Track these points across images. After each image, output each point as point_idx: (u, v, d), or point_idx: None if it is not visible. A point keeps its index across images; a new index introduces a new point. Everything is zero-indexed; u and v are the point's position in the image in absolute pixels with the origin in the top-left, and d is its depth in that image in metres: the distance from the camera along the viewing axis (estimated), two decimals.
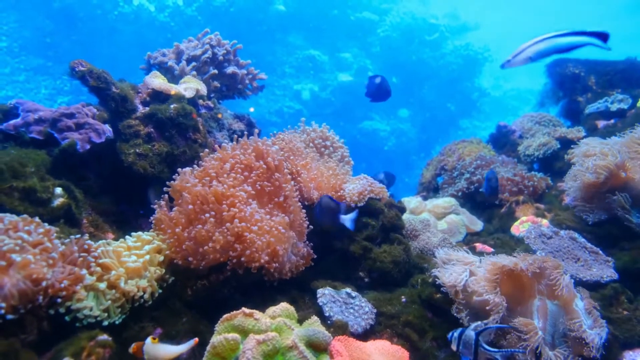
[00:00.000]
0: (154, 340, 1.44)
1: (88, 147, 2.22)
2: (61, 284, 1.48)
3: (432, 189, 3.99)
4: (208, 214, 1.89)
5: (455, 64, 13.99)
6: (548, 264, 1.80)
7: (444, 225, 3.03)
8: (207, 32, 3.10)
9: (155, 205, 2.05)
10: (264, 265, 1.87)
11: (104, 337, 1.46)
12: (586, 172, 2.45)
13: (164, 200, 2.04)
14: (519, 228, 2.76)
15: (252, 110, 3.63)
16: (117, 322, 1.62)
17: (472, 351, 1.53)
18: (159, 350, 1.44)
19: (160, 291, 1.80)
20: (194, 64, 2.96)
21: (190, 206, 1.92)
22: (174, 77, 2.91)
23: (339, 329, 1.74)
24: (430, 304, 2.00)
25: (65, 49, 11.62)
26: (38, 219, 1.64)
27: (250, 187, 2.05)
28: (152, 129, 2.41)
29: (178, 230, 1.90)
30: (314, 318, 1.57)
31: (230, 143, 2.25)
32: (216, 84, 3.04)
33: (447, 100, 14.13)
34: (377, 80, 2.75)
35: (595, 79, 3.97)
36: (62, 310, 1.50)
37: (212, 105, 2.89)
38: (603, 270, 2.22)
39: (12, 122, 2.17)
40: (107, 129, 2.33)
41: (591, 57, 4.19)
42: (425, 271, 2.24)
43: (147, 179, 2.34)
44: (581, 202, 2.57)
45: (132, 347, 1.46)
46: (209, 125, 2.81)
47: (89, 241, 1.74)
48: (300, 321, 1.59)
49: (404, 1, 15.30)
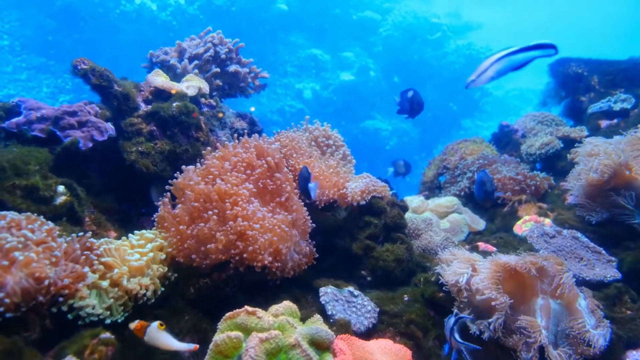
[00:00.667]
0: (161, 326, 1.43)
1: (90, 145, 2.22)
2: (63, 282, 1.48)
3: (434, 188, 3.98)
4: (211, 211, 1.89)
5: (457, 63, 14.00)
6: (551, 262, 1.80)
7: (447, 225, 3.02)
8: (209, 31, 3.09)
9: (159, 203, 2.05)
10: (267, 265, 1.86)
11: (106, 335, 1.45)
12: (590, 170, 2.44)
13: (167, 197, 2.04)
14: (521, 227, 2.75)
15: (253, 109, 3.62)
16: (119, 321, 1.61)
17: (448, 339, 1.69)
18: (160, 337, 1.43)
19: (162, 289, 1.80)
20: (196, 62, 2.96)
21: (194, 203, 1.92)
22: (176, 76, 2.91)
23: (341, 327, 1.74)
24: (433, 302, 2.00)
25: (67, 48, 11.64)
26: (43, 218, 1.64)
27: (252, 185, 2.05)
28: (154, 127, 2.41)
29: (181, 228, 1.90)
30: (317, 316, 1.57)
31: (232, 142, 2.24)
32: (218, 82, 3.04)
33: (449, 99, 14.13)
34: (410, 94, 2.62)
35: (598, 79, 3.96)
36: (64, 308, 1.50)
37: (214, 103, 2.89)
38: (606, 269, 2.21)
39: (14, 120, 2.17)
40: (110, 127, 2.33)
41: (594, 56, 4.19)
42: (427, 270, 2.24)
43: (149, 177, 2.34)
44: (584, 201, 2.56)
45: (135, 323, 1.45)
46: (211, 123, 2.81)
47: (91, 239, 1.73)
48: (303, 320, 1.59)
49: (406, 0, 15.29)
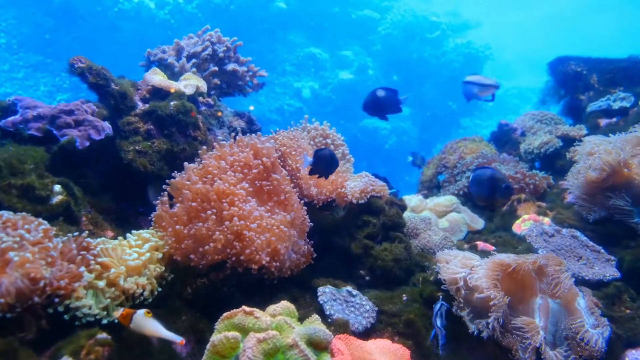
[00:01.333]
0: (148, 314, 1.42)
1: (87, 144, 2.20)
2: (59, 282, 1.46)
3: (433, 187, 3.97)
4: (210, 211, 1.88)
5: (456, 62, 13.99)
6: (550, 261, 1.79)
7: (445, 224, 3.02)
8: (207, 29, 3.08)
9: (156, 202, 2.04)
10: (265, 265, 1.85)
11: (103, 335, 1.44)
12: (589, 168, 2.43)
13: (164, 197, 2.03)
14: (520, 226, 2.75)
15: (252, 108, 3.60)
16: (116, 321, 1.60)
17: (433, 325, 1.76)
18: (147, 324, 1.42)
19: (160, 289, 1.79)
20: (194, 60, 2.94)
21: (192, 203, 1.90)
22: (173, 74, 2.89)
23: (339, 327, 1.73)
24: (432, 302, 1.98)
25: (65, 46, 11.60)
26: (40, 219, 1.62)
27: (248, 185, 2.04)
28: (151, 126, 2.39)
29: (179, 227, 1.88)
30: (315, 316, 1.56)
31: (229, 141, 2.23)
32: (216, 81, 3.02)
33: (448, 98, 14.12)
34: (380, 93, 2.36)
35: (597, 77, 3.95)
36: (61, 308, 1.49)
37: (212, 102, 2.87)
38: (605, 268, 2.20)
39: (10, 118, 2.16)
40: (107, 126, 2.31)
41: (593, 55, 4.18)
42: (426, 269, 2.23)
43: (146, 177, 2.33)
44: (583, 199, 2.55)
45: (120, 311, 1.44)
46: (209, 122, 2.80)
47: (88, 239, 1.72)
48: (301, 319, 1.58)
49: None
